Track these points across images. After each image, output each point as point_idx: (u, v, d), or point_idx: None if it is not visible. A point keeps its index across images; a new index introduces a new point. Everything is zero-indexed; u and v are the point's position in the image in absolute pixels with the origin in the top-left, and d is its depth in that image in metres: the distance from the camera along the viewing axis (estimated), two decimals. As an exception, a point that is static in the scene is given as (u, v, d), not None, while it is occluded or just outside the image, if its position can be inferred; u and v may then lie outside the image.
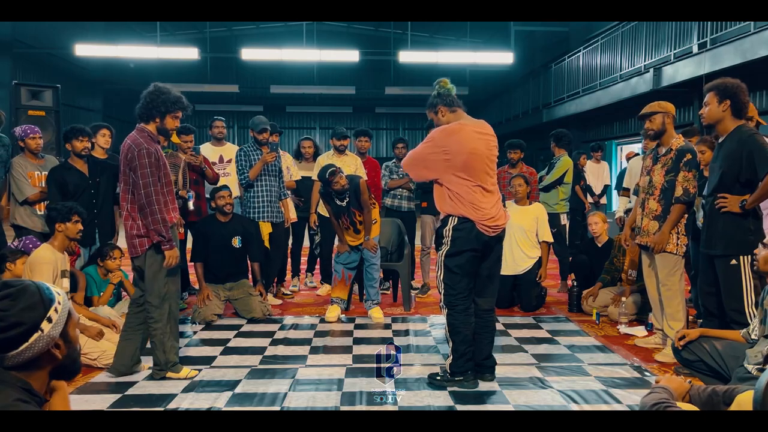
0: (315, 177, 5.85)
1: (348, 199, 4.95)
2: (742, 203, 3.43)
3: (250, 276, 5.35)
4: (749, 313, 3.41)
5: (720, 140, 3.60)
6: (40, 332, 1.40)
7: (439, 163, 3.35)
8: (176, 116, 3.58)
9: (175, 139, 4.82)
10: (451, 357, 3.43)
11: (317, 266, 6.43)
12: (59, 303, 1.45)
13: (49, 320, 1.41)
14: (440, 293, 3.46)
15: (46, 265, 3.73)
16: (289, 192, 5.71)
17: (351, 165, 5.68)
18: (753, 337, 2.84)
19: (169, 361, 3.60)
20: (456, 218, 3.36)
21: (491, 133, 3.49)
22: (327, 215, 5.83)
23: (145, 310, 3.58)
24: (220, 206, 5.02)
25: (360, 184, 4.95)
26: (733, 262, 3.47)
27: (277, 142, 6.03)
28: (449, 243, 3.37)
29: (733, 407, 1.80)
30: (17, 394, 1.36)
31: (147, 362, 3.73)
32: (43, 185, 4.68)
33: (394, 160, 6.04)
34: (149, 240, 3.47)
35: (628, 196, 5.87)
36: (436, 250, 3.53)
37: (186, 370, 3.66)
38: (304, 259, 6.58)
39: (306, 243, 6.45)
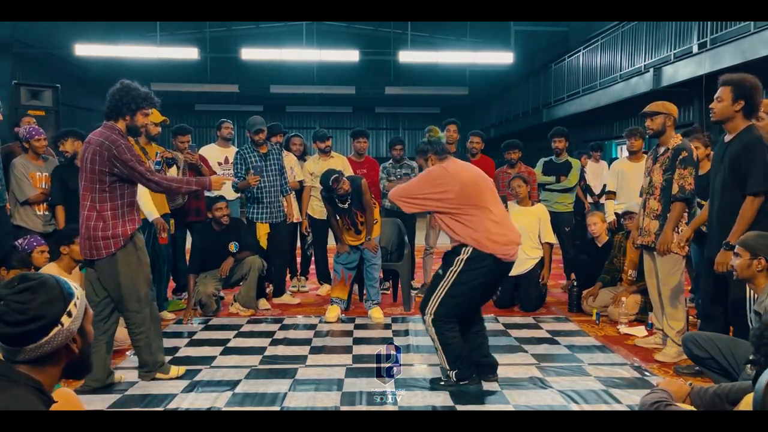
0: (305, 181, 5.89)
1: (350, 201, 4.95)
2: (726, 245, 3.26)
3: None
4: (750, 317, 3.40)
5: (727, 139, 3.46)
6: (60, 326, 1.38)
7: (435, 197, 3.32)
8: (146, 113, 3.49)
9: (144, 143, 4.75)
10: (453, 366, 3.37)
11: (312, 268, 6.43)
12: (78, 298, 1.44)
13: (69, 314, 1.40)
14: (431, 303, 3.36)
15: None
16: (292, 191, 5.72)
17: (338, 166, 5.66)
18: None
19: (158, 361, 3.54)
20: (470, 249, 3.29)
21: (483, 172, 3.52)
22: (317, 216, 5.86)
23: (125, 318, 3.47)
24: (217, 218, 5.04)
25: (362, 184, 4.96)
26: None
27: (281, 142, 6.03)
28: (456, 274, 3.31)
29: (741, 407, 1.79)
30: (27, 394, 1.35)
31: (120, 372, 3.63)
32: (44, 186, 4.71)
33: (390, 161, 6.03)
34: (117, 242, 3.31)
35: (614, 200, 5.93)
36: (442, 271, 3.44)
37: (174, 370, 3.60)
38: (298, 260, 6.57)
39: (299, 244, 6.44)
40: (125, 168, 3.30)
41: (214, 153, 5.84)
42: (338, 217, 5.06)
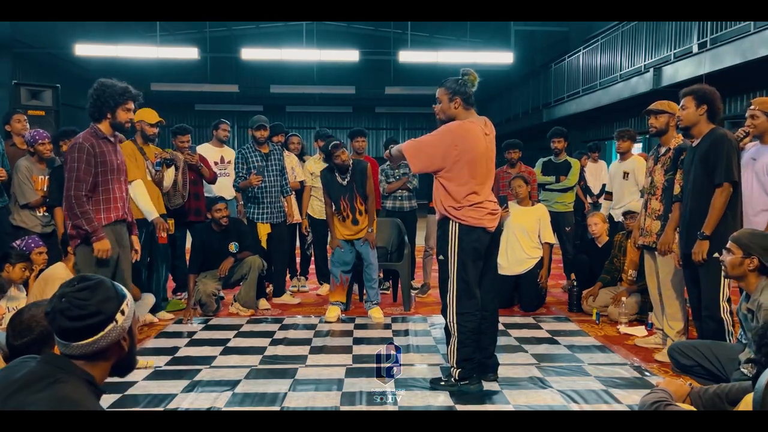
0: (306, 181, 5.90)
1: (350, 178, 4.93)
2: (701, 235, 3.42)
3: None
4: (723, 307, 3.43)
5: (695, 144, 3.59)
6: (114, 323, 1.50)
7: (446, 155, 3.28)
8: (127, 108, 3.50)
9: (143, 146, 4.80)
10: (460, 365, 3.37)
11: (312, 268, 6.43)
12: (129, 299, 1.56)
13: (122, 312, 1.52)
14: (450, 314, 3.36)
15: (59, 281, 3.84)
16: (292, 191, 5.72)
17: None
18: (744, 340, 2.85)
19: None
20: (456, 224, 3.31)
21: (493, 133, 3.47)
22: (317, 216, 5.85)
23: None
24: (216, 219, 5.05)
25: (367, 167, 4.96)
26: (716, 255, 3.42)
27: (282, 141, 6.03)
28: (456, 259, 3.31)
29: (741, 407, 1.79)
30: (82, 386, 1.45)
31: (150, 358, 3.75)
32: (45, 189, 4.71)
33: (388, 163, 6.02)
34: (74, 241, 3.48)
35: (611, 200, 5.93)
36: (436, 257, 3.48)
37: (143, 362, 3.67)
38: (298, 260, 6.56)
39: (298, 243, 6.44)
40: (66, 166, 3.39)
41: (209, 152, 5.81)
42: (335, 204, 5.00)
